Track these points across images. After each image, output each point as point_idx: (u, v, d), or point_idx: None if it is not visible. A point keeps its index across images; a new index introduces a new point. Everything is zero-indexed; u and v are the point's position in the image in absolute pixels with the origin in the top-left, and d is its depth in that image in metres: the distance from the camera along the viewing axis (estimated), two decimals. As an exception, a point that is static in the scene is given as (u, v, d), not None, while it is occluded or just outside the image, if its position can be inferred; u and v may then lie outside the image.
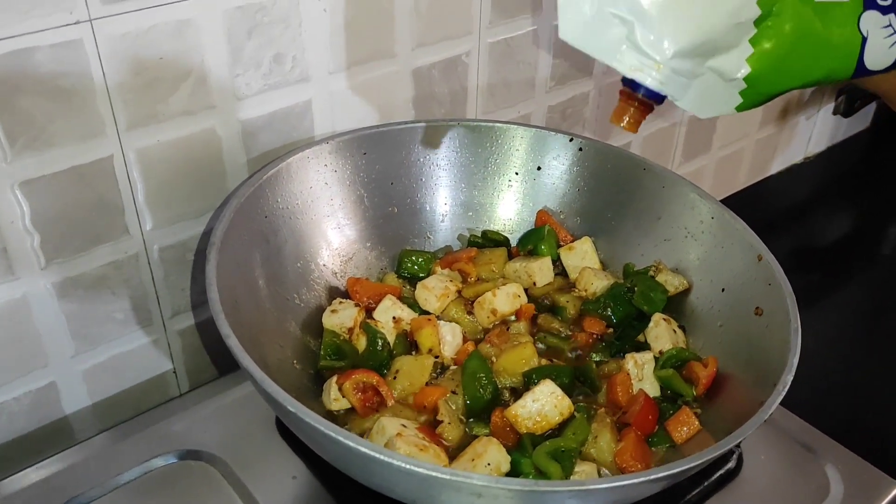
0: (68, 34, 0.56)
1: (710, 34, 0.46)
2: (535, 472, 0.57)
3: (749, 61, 0.47)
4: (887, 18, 0.47)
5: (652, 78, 0.49)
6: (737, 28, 0.46)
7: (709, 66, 0.48)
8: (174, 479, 0.61)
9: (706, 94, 0.50)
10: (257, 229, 0.65)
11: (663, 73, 0.48)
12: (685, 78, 0.49)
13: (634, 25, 0.47)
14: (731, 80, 0.48)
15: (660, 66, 0.48)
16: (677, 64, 0.48)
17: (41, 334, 0.64)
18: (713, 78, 0.49)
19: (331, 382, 0.62)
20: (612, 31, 0.48)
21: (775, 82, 0.49)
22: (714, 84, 0.49)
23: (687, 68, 0.48)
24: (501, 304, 0.69)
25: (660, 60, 0.48)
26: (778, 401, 0.53)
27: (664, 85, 0.49)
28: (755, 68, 0.48)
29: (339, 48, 0.71)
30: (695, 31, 0.46)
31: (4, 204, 0.58)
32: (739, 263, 0.67)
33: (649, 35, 0.47)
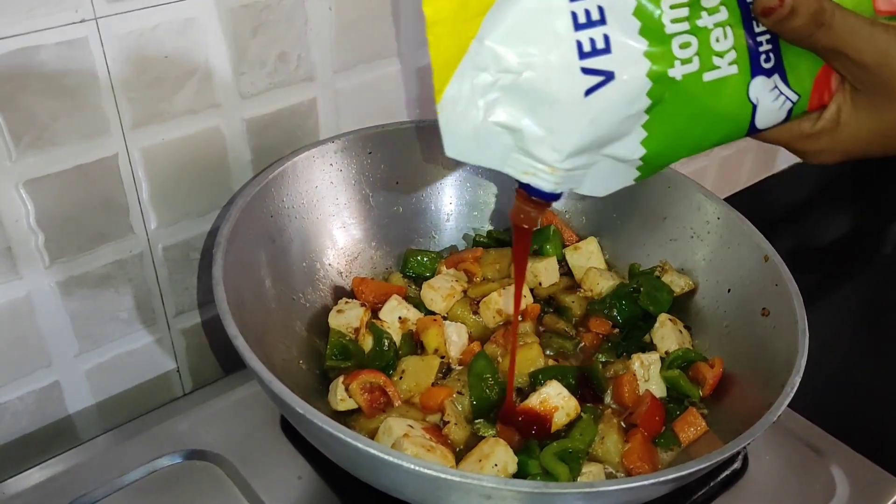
0: (73, 32, 0.56)
1: (603, 130, 0.45)
2: (542, 473, 0.56)
3: (644, 144, 0.46)
4: (772, 80, 0.47)
5: (546, 181, 0.47)
6: (629, 118, 0.45)
7: (603, 153, 0.47)
8: (179, 480, 0.61)
9: (604, 176, 0.48)
10: (263, 229, 0.65)
11: (557, 175, 0.46)
12: (581, 171, 0.47)
13: (522, 134, 0.45)
14: (627, 161, 0.47)
15: (553, 170, 0.46)
16: (572, 163, 0.46)
17: (45, 333, 0.64)
18: (609, 162, 0.47)
19: (337, 383, 0.61)
20: (500, 140, 0.45)
21: (671, 155, 0.48)
22: (611, 166, 0.48)
23: (581, 163, 0.47)
24: (507, 305, 0.69)
25: (553, 164, 0.46)
26: (786, 402, 0.53)
27: (559, 185, 0.47)
28: (650, 149, 0.47)
29: (344, 47, 0.70)
30: (585, 131, 0.45)
31: (9, 203, 0.58)
32: (746, 264, 0.67)
33: (538, 142, 0.45)
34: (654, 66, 0.44)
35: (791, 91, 0.48)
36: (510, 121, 0.45)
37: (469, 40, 0.43)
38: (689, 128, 0.47)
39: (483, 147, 0.46)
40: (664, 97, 0.45)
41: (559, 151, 0.45)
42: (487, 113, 0.45)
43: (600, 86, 0.43)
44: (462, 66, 0.43)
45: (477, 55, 0.43)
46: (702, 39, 0.45)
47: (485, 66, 0.43)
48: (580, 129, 0.45)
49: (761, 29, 0.46)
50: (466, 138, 0.45)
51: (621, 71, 0.43)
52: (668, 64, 0.44)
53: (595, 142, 0.46)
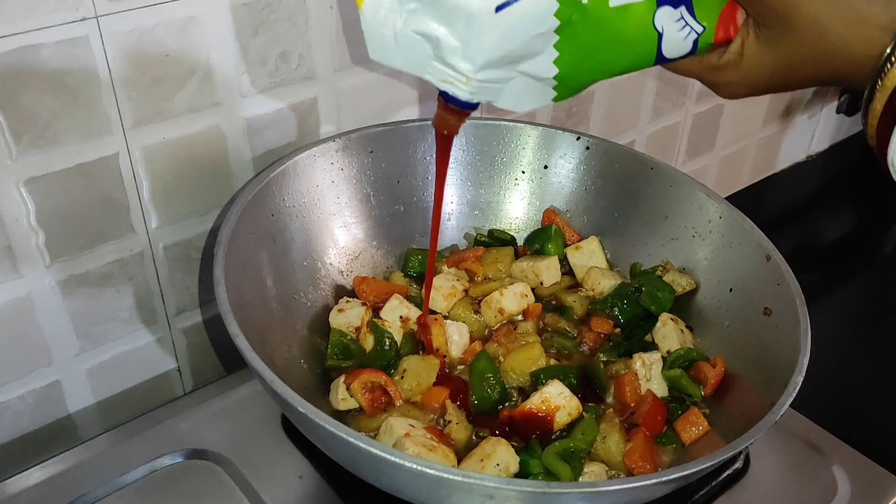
0: (74, 31, 0.55)
1: (514, 45, 0.47)
2: (544, 473, 0.56)
3: (556, 63, 0.49)
4: (678, 12, 0.49)
5: (462, 91, 0.50)
6: (539, 37, 0.48)
7: (519, 70, 0.49)
8: (180, 479, 0.60)
9: (521, 92, 0.51)
10: (264, 228, 0.65)
11: (472, 84, 0.49)
12: (498, 84, 0.50)
13: (439, 43, 0.48)
14: (542, 79, 0.50)
15: (469, 79, 0.49)
16: (486, 75, 0.49)
17: (45, 332, 0.64)
18: (525, 79, 0.50)
19: (338, 382, 0.61)
20: (419, 48, 0.49)
21: (583, 77, 0.52)
22: (527, 84, 0.51)
23: (496, 76, 0.49)
24: (509, 304, 0.69)
25: (468, 74, 0.49)
26: (788, 402, 0.53)
27: (475, 95, 0.50)
28: (562, 69, 0.50)
29: (345, 46, 0.70)
30: (496, 45, 0.47)
31: (9, 201, 0.58)
32: (747, 263, 0.67)
33: (453, 52, 0.48)
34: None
35: (696, 23, 0.50)
36: (428, 30, 0.47)
37: None
38: (598, 51, 0.49)
39: (404, 53, 0.49)
40: (572, 19, 0.47)
41: (472, 63, 0.48)
42: (407, 21, 0.48)
43: (510, 3, 0.46)
44: None
45: None
46: None
47: None
48: (491, 43, 0.47)
49: None
50: (388, 44, 0.49)
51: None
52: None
53: (507, 56, 0.48)
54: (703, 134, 1.12)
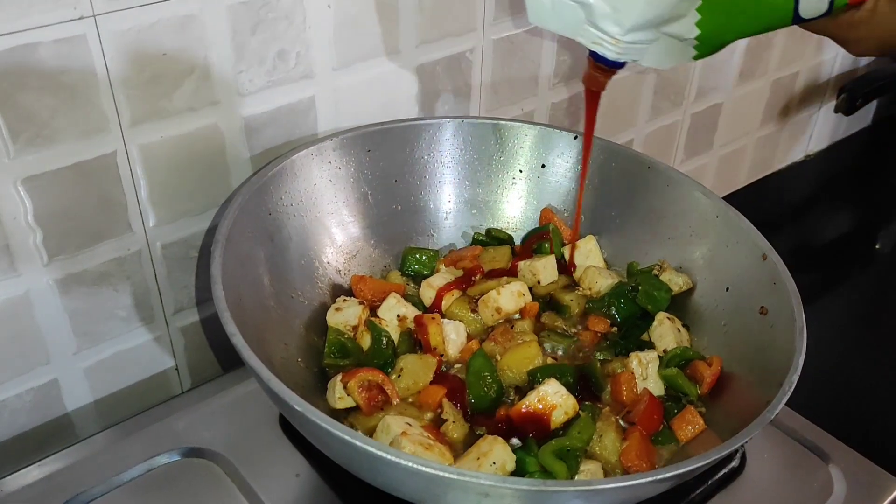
0: (72, 29, 0.56)
1: (659, 11, 0.53)
2: (540, 471, 0.57)
3: (698, 25, 0.54)
4: None
5: (610, 51, 0.56)
6: (683, 1, 0.53)
7: (663, 31, 0.55)
8: (177, 477, 0.61)
9: (663, 51, 0.57)
10: (261, 227, 0.65)
11: (620, 45, 0.56)
12: (642, 45, 0.56)
13: (592, 9, 0.54)
14: (684, 40, 0.56)
15: (617, 41, 0.55)
16: (632, 37, 0.55)
17: (43, 331, 0.64)
18: (668, 40, 0.56)
19: (335, 381, 0.61)
20: (573, 13, 0.56)
21: (723, 36, 0.56)
22: (669, 44, 0.56)
23: (642, 38, 0.55)
24: (506, 303, 0.69)
25: (616, 36, 0.55)
26: (784, 401, 0.53)
27: (621, 55, 0.57)
28: (703, 30, 0.55)
29: (342, 45, 0.70)
30: (643, 10, 0.53)
31: (7, 200, 0.58)
32: (744, 262, 0.67)
33: (604, 17, 0.54)
34: None
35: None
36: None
37: None
38: (738, 12, 0.54)
39: (560, 17, 0.57)
40: None
41: (621, 26, 0.55)
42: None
43: None
44: None
45: None
46: None
47: None
48: (640, 9, 0.54)
49: None
50: (546, 9, 0.57)
51: None
52: None
53: (653, 20, 0.54)
54: (701, 133, 1.12)
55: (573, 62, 0.90)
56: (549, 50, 0.87)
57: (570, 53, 0.89)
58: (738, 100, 1.14)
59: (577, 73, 0.91)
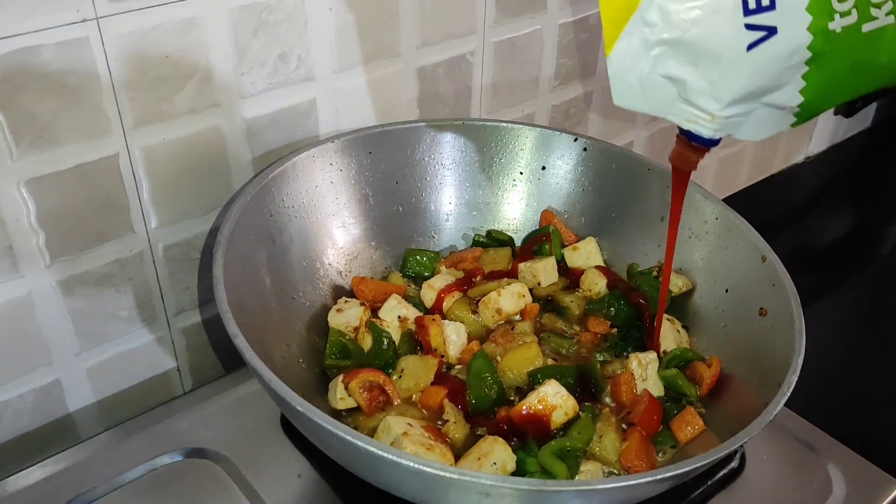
0: (75, 32, 0.56)
1: (762, 81, 0.48)
2: (540, 472, 0.57)
3: (802, 93, 0.49)
4: None
5: (706, 128, 0.51)
6: (789, 69, 0.48)
7: (762, 102, 0.50)
8: (179, 478, 0.61)
9: (760, 122, 0.51)
10: (263, 228, 0.65)
11: (717, 122, 0.50)
12: (740, 118, 0.50)
13: (686, 85, 0.49)
14: (785, 108, 0.50)
15: (714, 118, 0.50)
16: (731, 111, 0.49)
17: (45, 332, 0.64)
18: (767, 110, 0.50)
19: (337, 381, 0.62)
20: (664, 90, 0.50)
21: (828, 102, 0.51)
22: (768, 113, 0.51)
23: (741, 111, 0.50)
24: (506, 304, 0.69)
25: (714, 112, 0.49)
26: (783, 401, 0.54)
27: (717, 132, 0.51)
28: (808, 97, 0.49)
29: (343, 47, 0.71)
30: (745, 83, 0.48)
31: (10, 202, 0.58)
32: (743, 264, 0.68)
33: (700, 93, 0.49)
34: (816, 20, 0.46)
35: None
36: (675, 73, 0.49)
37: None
38: (848, 77, 0.49)
39: (648, 96, 0.50)
40: (825, 50, 0.47)
41: (720, 101, 0.49)
42: (654, 66, 0.49)
43: (763, 40, 0.46)
44: (632, 22, 0.48)
45: (647, 12, 0.47)
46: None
47: (653, 23, 0.47)
48: (741, 81, 0.48)
49: None
50: (633, 89, 0.50)
51: (784, 26, 0.46)
52: (829, 17, 0.46)
53: (755, 92, 0.49)
54: (700, 135, 1.12)
55: (573, 64, 0.90)
56: (550, 52, 0.87)
57: (571, 56, 0.89)
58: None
59: (576, 75, 0.91)
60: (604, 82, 0.95)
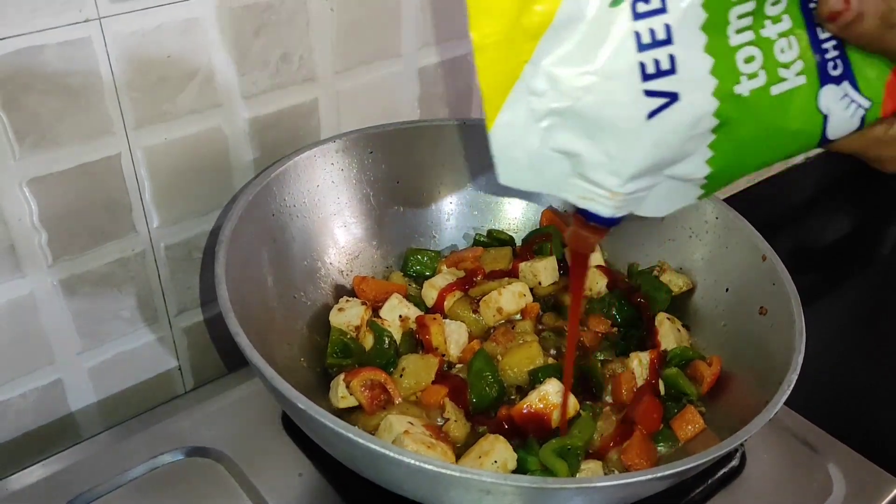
0: (77, 32, 0.56)
1: (666, 152, 0.43)
2: (541, 470, 0.57)
3: (709, 163, 0.44)
4: (842, 88, 0.45)
5: (605, 207, 0.45)
6: (694, 139, 0.43)
7: (666, 174, 0.44)
8: (180, 476, 0.61)
9: (665, 196, 0.46)
10: (265, 227, 0.66)
11: (617, 199, 0.44)
12: (642, 193, 0.45)
13: (581, 159, 0.43)
14: (691, 180, 0.45)
15: (614, 194, 0.44)
16: (632, 186, 0.44)
17: (48, 331, 0.64)
18: (671, 182, 0.45)
19: (338, 380, 0.62)
20: (557, 166, 0.43)
21: (738, 172, 0.46)
22: (673, 186, 0.46)
23: (643, 186, 0.44)
24: (507, 303, 0.69)
25: (613, 188, 0.43)
26: (783, 400, 0.54)
27: (619, 210, 0.45)
28: (716, 168, 0.44)
29: (345, 48, 0.71)
30: (647, 155, 0.42)
31: (12, 201, 0.58)
32: (744, 263, 0.68)
33: (597, 167, 0.43)
34: (721, 83, 0.41)
35: (862, 97, 0.45)
36: (568, 146, 0.43)
37: (522, 64, 0.40)
38: (758, 143, 0.44)
39: (539, 174, 0.44)
40: (732, 117, 0.42)
41: (619, 176, 0.43)
42: (544, 139, 0.42)
43: (664, 108, 0.41)
44: (515, 90, 0.41)
45: (532, 79, 0.41)
46: (766, 51, 0.42)
47: (541, 91, 0.41)
48: (642, 154, 0.42)
49: (826, 35, 0.43)
50: (521, 166, 0.43)
51: (686, 91, 0.41)
52: (735, 80, 0.41)
53: (657, 164, 0.43)
54: (700, 136, 1.12)
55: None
56: (550, 53, 0.87)
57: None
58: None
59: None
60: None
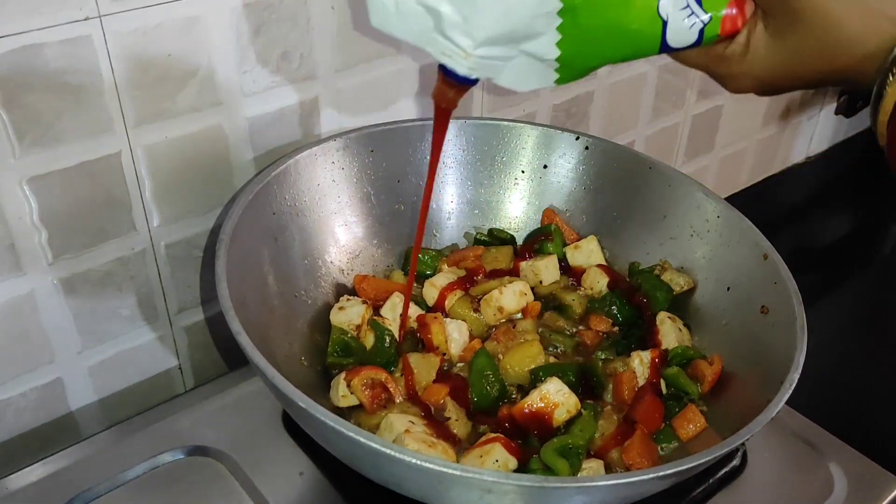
0: (77, 30, 0.56)
1: (514, 25, 0.47)
2: (542, 469, 0.57)
3: (558, 45, 0.49)
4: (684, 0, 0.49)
5: (461, 66, 0.49)
6: (542, 17, 0.47)
7: (521, 49, 0.49)
8: (181, 475, 0.61)
9: (523, 72, 0.51)
10: (265, 226, 0.65)
11: (472, 60, 0.49)
12: (498, 62, 0.50)
13: (440, 16, 0.47)
14: (544, 60, 0.50)
15: (468, 55, 0.48)
16: (485, 52, 0.48)
17: (48, 330, 0.64)
18: (528, 59, 0.50)
19: (339, 379, 0.62)
20: (421, 20, 0.48)
21: (586, 61, 0.51)
22: (529, 64, 0.50)
23: (497, 54, 0.49)
24: (508, 302, 0.69)
25: (467, 49, 0.48)
26: (785, 398, 0.54)
27: (473, 71, 0.50)
28: (564, 52, 0.49)
29: (346, 46, 0.71)
30: (496, 22, 0.47)
31: (12, 200, 0.58)
32: (745, 262, 0.68)
33: (454, 27, 0.48)
34: None
35: (703, 12, 0.49)
36: (430, 2, 0.47)
37: None
38: (601, 36, 0.49)
39: (405, 23, 0.49)
40: (575, 3, 0.47)
41: (472, 38, 0.48)
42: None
43: None
44: None
45: None
46: None
47: None
48: (492, 21, 0.47)
49: None
50: (389, 11, 0.48)
51: None
52: None
53: (508, 35, 0.48)
54: (702, 135, 1.13)
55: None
56: (551, 51, 0.87)
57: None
58: (739, 102, 1.14)
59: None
60: (606, 82, 0.95)
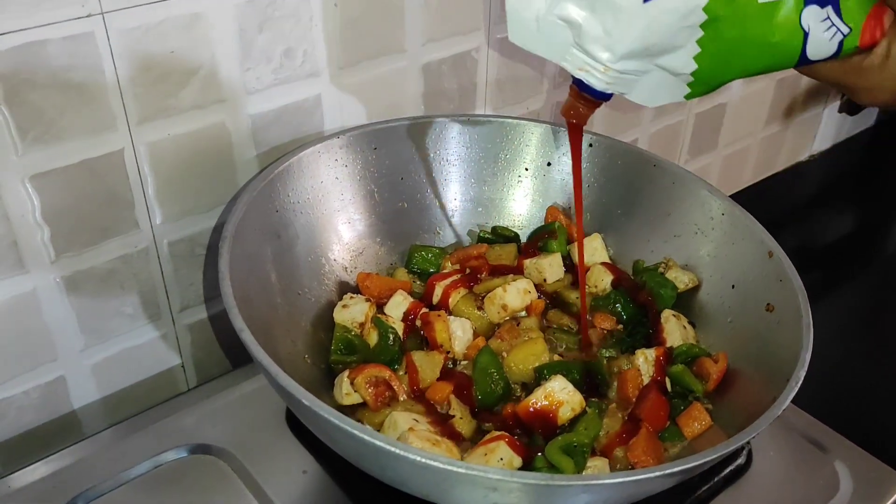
0: (80, 27, 0.56)
1: (657, 38, 0.48)
2: (547, 467, 0.57)
3: (696, 59, 0.49)
4: (825, 11, 0.48)
5: (598, 79, 0.50)
6: (684, 30, 0.48)
7: (657, 64, 0.49)
8: (184, 474, 0.61)
9: (655, 86, 0.51)
10: (269, 224, 0.65)
11: (610, 74, 0.49)
12: (633, 76, 0.50)
13: (581, 29, 0.48)
14: (678, 75, 0.50)
15: (607, 69, 0.49)
16: (624, 66, 0.49)
17: (50, 328, 0.64)
18: (661, 73, 0.50)
19: (342, 377, 0.62)
20: (560, 33, 0.49)
21: (722, 75, 0.51)
22: (662, 78, 0.51)
23: (634, 68, 0.49)
24: (512, 300, 0.69)
25: (606, 63, 0.49)
26: (791, 396, 0.53)
27: (610, 85, 0.50)
28: (701, 65, 0.49)
29: (349, 43, 0.71)
30: (639, 36, 0.47)
31: (15, 197, 0.58)
32: (750, 260, 0.67)
33: (594, 40, 0.48)
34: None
35: (843, 23, 0.48)
36: (572, 16, 0.48)
37: None
38: (742, 48, 0.49)
39: (544, 37, 0.50)
40: (719, 14, 0.47)
41: (613, 52, 0.48)
42: (552, 5, 0.48)
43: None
44: None
45: None
46: None
47: None
48: (636, 34, 0.47)
49: None
50: (530, 27, 0.49)
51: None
52: None
53: (649, 48, 0.48)
54: (705, 133, 1.12)
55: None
56: (554, 49, 0.87)
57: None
58: (743, 100, 1.14)
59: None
60: (608, 79, 0.94)
